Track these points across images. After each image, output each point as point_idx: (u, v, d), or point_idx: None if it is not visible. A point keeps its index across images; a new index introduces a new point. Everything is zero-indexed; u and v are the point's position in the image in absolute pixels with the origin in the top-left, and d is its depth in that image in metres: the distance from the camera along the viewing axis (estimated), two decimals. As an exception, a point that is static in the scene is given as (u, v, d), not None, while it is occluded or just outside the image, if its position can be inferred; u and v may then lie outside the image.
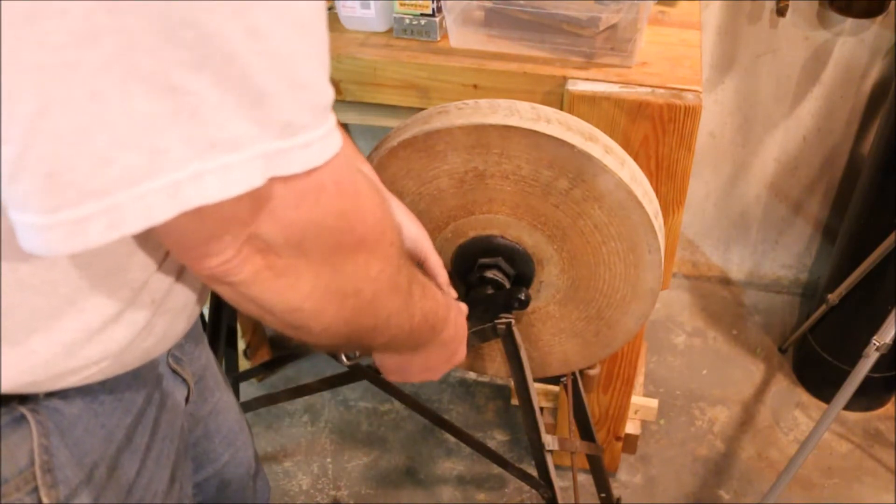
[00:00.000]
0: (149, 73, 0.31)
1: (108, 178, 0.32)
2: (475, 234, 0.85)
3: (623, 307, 0.86)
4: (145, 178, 0.33)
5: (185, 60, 0.32)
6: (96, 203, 0.33)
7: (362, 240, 0.45)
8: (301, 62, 0.36)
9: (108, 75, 0.31)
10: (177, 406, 0.65)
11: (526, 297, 0.82)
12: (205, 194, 0.34)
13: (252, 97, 0.34)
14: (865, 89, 1.58)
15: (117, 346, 0.49)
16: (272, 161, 0.36)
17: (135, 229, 0.34)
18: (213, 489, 0.83)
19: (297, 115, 0.36)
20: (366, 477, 1.56)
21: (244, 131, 0.35)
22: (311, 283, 0.44)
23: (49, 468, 0.49)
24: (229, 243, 0.39)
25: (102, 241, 0.33)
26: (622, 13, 0.95)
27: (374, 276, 0.48)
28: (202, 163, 0.34)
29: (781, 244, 1.90)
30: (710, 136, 1.73)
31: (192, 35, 0.31)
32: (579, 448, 1.13)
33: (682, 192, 0.98)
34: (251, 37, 0.33)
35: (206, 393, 0.77)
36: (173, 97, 0.32)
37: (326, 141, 0.38)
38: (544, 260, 0.85)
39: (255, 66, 0.34)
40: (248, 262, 0.41)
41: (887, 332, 1.15)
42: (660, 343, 1.82)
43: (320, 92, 0.38)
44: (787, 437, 1.61)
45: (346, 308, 0.48)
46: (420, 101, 1.02)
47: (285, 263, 0.42)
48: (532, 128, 0.74)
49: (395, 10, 1.01)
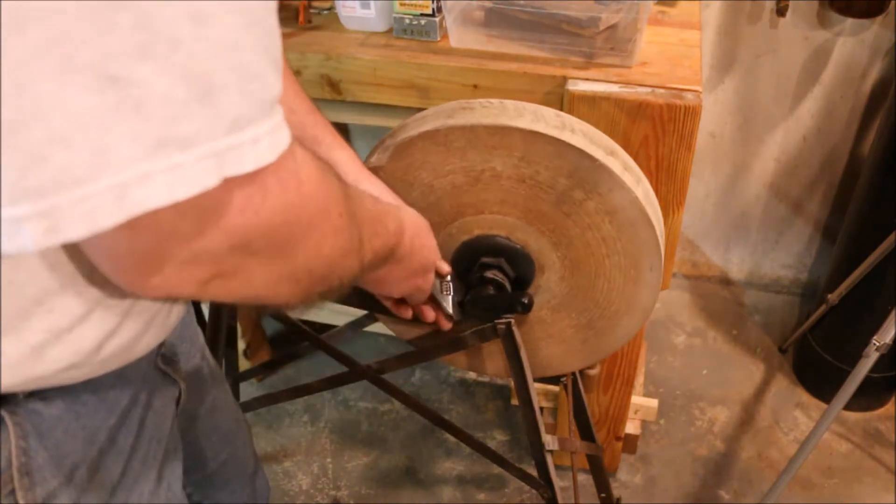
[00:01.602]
0: (85, 63, 0.29)
1: (45, 178, 0.30)
2: (481, 233, 0.85)
3: (615, 320, 0.86)
4: (87, 178, 0.30)
5: (125, 48, 0.29)
6: (32, 204, 0.30)
7: (310, 226, 0.44)
8: (248, 52, 0.34)
9: (39, 65, 0.28)
10: (165, 406, 0.64)
11: (529, 301, 0.82)
12: (155, 197, 0.31)
13: (200, 88, 0.32)
14: (865, 89, 1.58)
15: (88, 347, 0.48)
16: (223, 159, 0.33)
17: (76, 236, 0.31)
18: (212, 488, 0.83)
19: (246, 109, 0.34)
20: (366, 477, 1.56)
21: (194, 127, 0.32)
22: (262, 276, 0.43)
23: (27, 470, 0.49)
24: (170, 260, 0.36)
25: (40, 245, 0.31)
26: (622, 13, 0.95)
27: (326, 253, 0.47)
28: (151, 163, 0.31)
29: (781, 244, 1.90)
30: (710, 136, 1.73)
31: (131, 19, 0.29)
32: (579, 448, 1.13)
33: (682, 192, 0.98)
34: (196, 22, 0.31)
35: (203, 392, 0.77)
36: (115, 89, 0.30)
37: (275, 136, 0.36)
38: (546, 266, 0.85)
39: (202, 53, 0.31)
40: (193, 278, 0.39)
41: (887, 332, 1.15)
42: (660, 343, 1.82)
43: (268, 85, 0.36)
44: (787, 437, 1.61)
45: (302, 286, 0.47)
46: (420, 101, 1.02)
47: (233, 266, 0.40)
48: (558, 136, 0.75)
49: (395, 10, 1.01)
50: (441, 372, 1.76)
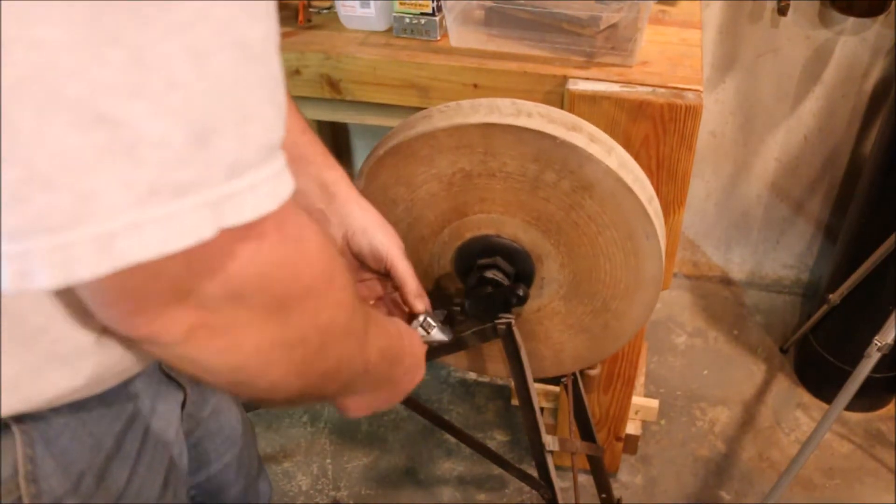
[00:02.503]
0: (72, 99, 0.27)
1: (21, 220, 0.28)
2: (471, 236, 0.85)
3: (628, 297, 0.85)
4: (68, 224, 0.28)
5: (117, 85, 0.27)
6: (5, 245, 0.28)
7: (309, 288, 0.41)
8: (247, 91, 0.31)
9: (20, 98, 0.26)
10: (170, 411, 0.64)
11: (524, 293, 0.82)
12: (144, 249, 0.29)
13: (197, 131, 0.29)
14: (867, 89, 1.57)
15: (91, 374, 0.48)
16: (220, 208, 0.31)
17: (46, 285, 0.28)
18: (216, 489, 0.83)
19: (244, 153, 0.31)
20: (366, 477, 1.56)
21: (191, 173, 0.29)
22: (254, 339, 0.39)
23: (33, 478, 0.48)
24: (154, 302, 0.34)
25: (12, 290, 0.29)
26: (623, 12, 0.94)
27: (322, 324, 0.43)
28: (142, 211, 0.29)
29: (782, 244, 1.90)
30: (710, 136, 1.73)
31: (123, 55, 0.27)
32: (580, 448, 1.13)
33: (683, 191, 0.98)
34: (193, 58, 0.28)
35: (207, 394, 0.77)
36: (104, 129, 0.27)
37: (276, 183, 0.33)
38: (543, 256, 0.84)
39: (199, 93, 0.29)
40: (179, 322, 0.36)
41: (889, 333, 1.14)
42: (660, 343, 1.82)
43: (269, 127, 0.33)
44: (788, 438, 1.61)
45: (294, 361, 0.43)
46: (420, 100, 1.01)
47: (224, 320, 0.37)
48: (512, 123, 0.74)
49: (395, 9, 1.01)
50: (441, 372, 1.75)
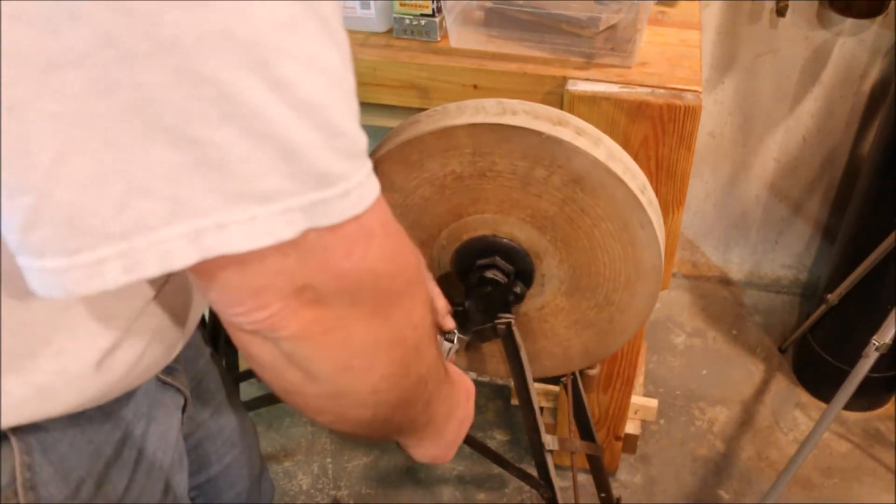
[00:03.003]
0: (169, 126, 0.31)
1: (125, 223, 0.32)
2: (468, 237, 0.85)
3: (630, 289, 0.85)
4: (163, 224, 0.33)
5: (209, 115, 0.31)
6: (112, 246, 0.33)
7: (409, 282, 0.44)
8: (332, 110, 0.35)
9: (125, 126, 0.31)
10: (170, 416, 0.64)
11: (521, 291, 0.82)
12: (227, 244, 0.34)
13: (283, 151, 0.33)
14: (865, 89, 1.58)
15: (93, 392, 0.49)
16: (309, 213, 0.35)
17: (151, 273, 0.33)
18: (217, 490, 0.83)
19: (333, 165, 0.35)
20: (366, 477, 1.56)
21: (276, 185, 0.34)
22: (361, 336, 0.42)
23: (32, 485, 0.49)
24: (275, 296, 0.38)
25: (119, 283, 0.33)
26: (622, 13, 0.95)
27: (417, 321, 0.46)
28: (227, 213, 0.33)
29: (781, 244, 1.90)
30: (709, 137, 1.73)
31: (214, 92, 0.31)
32: (579, 448, 1.13)
33: (682, 192, 0.99)
34: (276, 90, 0.32)
35: (207, 395, 0.77)
36: (196, 149, 0.32)
37: (364, 187, 0.37)
38: (541, 252, 0.85)
39: (283, 119, 0.33)
40: (296, 315, 0.39)
41: (887, 332, 1.15)
42: (660, 343, 1.82)
43: (355, 139, 0.37)
44: (786, 437, 1.61)
45: (395, 360, 0.46)
46: (420, 101, 1.02)
47: (336, 317, 0.40)
48: (497, 121, 0.75)
49: (395, 10, 1.01)
50: (441, 372, 1.75)
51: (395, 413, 0.50)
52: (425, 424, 0.59)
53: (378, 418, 0.48)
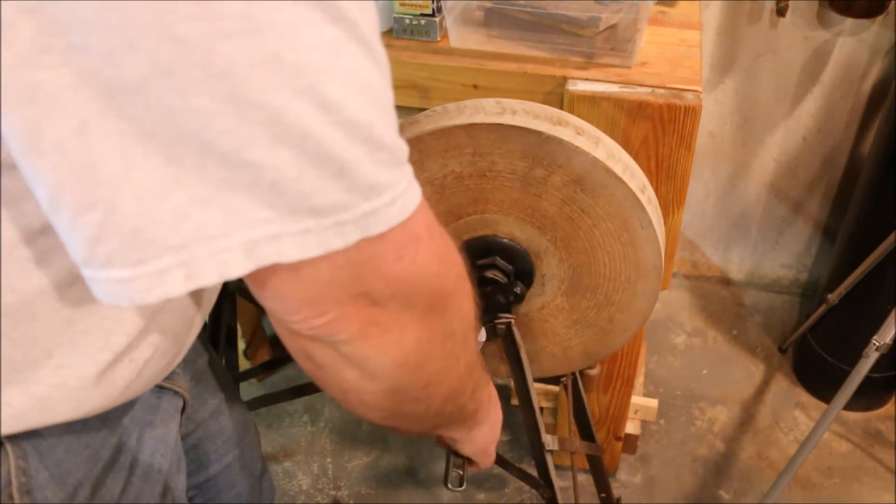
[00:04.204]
0: (224, 150, 0.32)
1: (185, 234, 0.34)
2: (468, 237, 0.85)
3: (630, 288, 0.85)
4: (220, 234, 0.34)
5: (260, 137, 0.33)
6: (174, 256, 0.34)
7: (457, 279, 0.46)
8: (376, 125, 0.36)
9: (183, 146, 0.32)
10: (167, 420, 0.64)
11: (521, 291, 0.82)
12: (280, 254, 0.35)
13: (333, 168, 0.35)
14: (865, 89, 1.58)
15: (92, 406, 0.49)
16: (360, 224, 0.36)
17: (210, 281, 0.35)
18: (217, 490, 0.83)
19: (380, 177, 0.37)
20: (366, 477, 1.56)
21: (329, 201, 0.35)
22: (415, 334, 0.44)
23: (27, 489, 0.49)
24: (332, 304, 0.40)
25: (181, 291, 0.35)
26: (622, 13, 0.95)
27: (465, 314, 0.48)
28: (281, 225, 0.35)
29: (781, 244, 1.90)
30: (709, 136, 1.73)
31: (264, 115, 0.32)
32: (579, 448, 1.13)
33: (682, 192, 0.99)
34: (323, 111, 0.33)
35: (207, 395, 0.77)
36: (250, 170, 0.33)
37: (408, 193, 0.39)
38: (541, 252, 0.84)
39: (331, 138, 0.34)
40: (353, 319, 0.41)
41: (887, 332, 1.15)
42: (660, 343, 1.82)
43: (397, 149, 0.38)
44: (786, 437, 1.61)
45: (445, 354, 0.48)
46: (420, 101, 1.02)
47: (391, 318, 0.42)
48: (496, 121, 0.75)
49: (395, 10, 1.01)
50: (441, 372, 1.76)
51: (447, 404, 0.53)
52: (474, 412, 0.61)
53: (431, 410, 0.51)
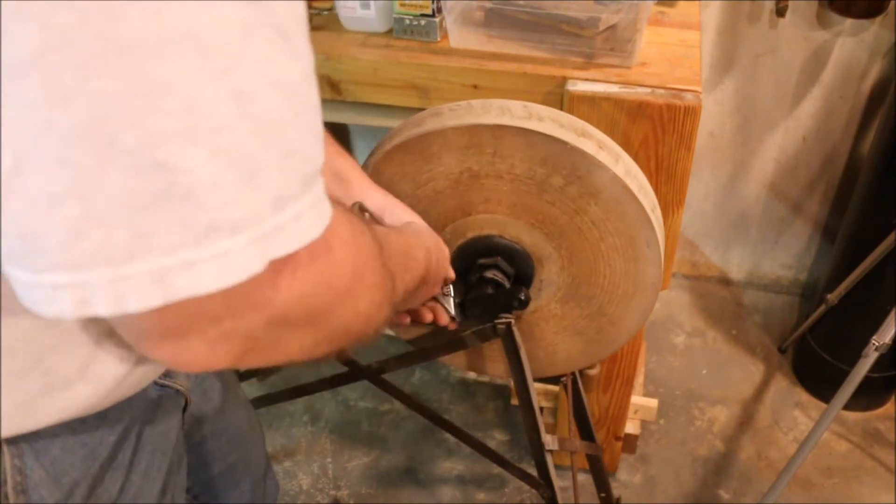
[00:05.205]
0: (131, 147, 0.28)
1: (80, 253, 0.29)
2: (473, 235, 0.85)
3: (625, 303, 0.86)
4: (124, 259, 0.29)
5: (173, 133, 0.28)
6: (67, 275, 0.30)
7: (344, 289, 0.41)
8: (288, 126, 0.32)
9: (82, 143, 0.28)
10: (168, 417, 0.64)
11: (526, 297, 0.82)
12: (197, 284, 0.30)
13: (247, 171, 0.30)
14: (865, 90, 1.58)
15: (82, 404, 0.49)
16: (269, 241, 0.32)
17: (104, 312, 0.30)
18: (221, 488, 0.83)
19: (287, 188, 0.32)
20: (366, 477, 1.56)
21: (243, 211, 0.31)
22: (298, 344, 0.41)
23: (23, 488, 0.49)
24: (201, 339, 0.35)
25: (74, 315, 0.30)
26: (622, 13, 0.95)
27: (362, 311, 0.44)
28: (198, 250, 0.30)
29: (781, 244, 1.90)
30: (709, 137, 1.73)
31: (177, 103, 0.28)
32: (579, 448, 1.13)
33: (682, 192, 0.99)
34: (238, 101, 0.30)
35: (210, 393, 0.77)
36: (163, 175, 0.29)
37: (317, 210, 0.34)
38: (543, 258, 0.85)
39: (246, 135, 0.30)
40: (226, 355, 0.36)
41: (886, 332, 1.15)
42: (659, 343, 1.82)
43: (309, 158, 0.34)
44: (786, 437, 1.61)
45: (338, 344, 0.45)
46: (420, 101, 1.02)
47: (269, 339, 0.38)
48: (524, 126, 0.75)
49: (395, 10, 1.01)
50: (441, 372, 1.76)
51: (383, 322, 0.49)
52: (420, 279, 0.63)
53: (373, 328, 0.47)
